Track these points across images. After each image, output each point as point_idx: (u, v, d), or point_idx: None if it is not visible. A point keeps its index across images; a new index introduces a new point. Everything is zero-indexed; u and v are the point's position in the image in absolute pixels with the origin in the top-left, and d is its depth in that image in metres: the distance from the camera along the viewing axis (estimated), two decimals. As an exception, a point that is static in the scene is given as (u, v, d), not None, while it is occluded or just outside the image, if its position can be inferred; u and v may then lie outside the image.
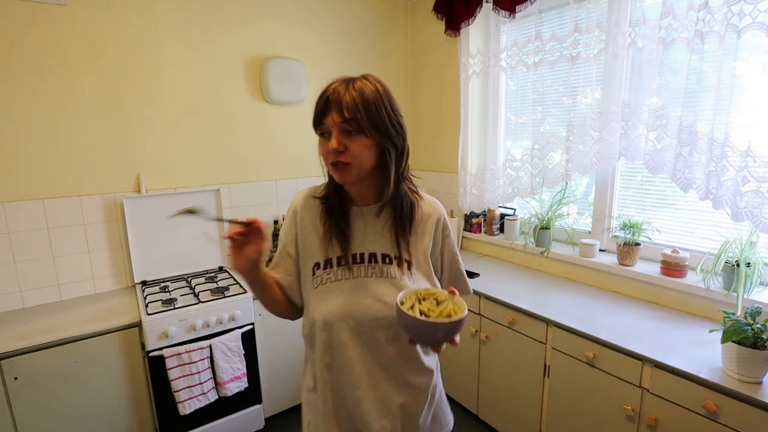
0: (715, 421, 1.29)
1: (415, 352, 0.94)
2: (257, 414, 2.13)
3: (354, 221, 0.95)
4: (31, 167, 1.91)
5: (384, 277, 0.91)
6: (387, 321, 0.89)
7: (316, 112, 0.87)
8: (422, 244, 0.97)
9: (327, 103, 0.84)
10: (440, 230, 1.00)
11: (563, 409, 1.75)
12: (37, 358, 1.62)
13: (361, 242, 0.93)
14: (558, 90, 2.16)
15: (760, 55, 1.44)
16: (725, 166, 1.50)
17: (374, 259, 0.92)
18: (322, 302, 0.90)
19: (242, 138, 2.45)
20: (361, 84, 0.84)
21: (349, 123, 0.82)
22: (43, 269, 1.98)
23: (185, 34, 2.20)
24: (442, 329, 0.77)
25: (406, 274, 0.92)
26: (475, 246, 2.74)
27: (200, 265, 2.34)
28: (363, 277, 0.91)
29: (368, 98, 0.83)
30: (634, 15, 1.74)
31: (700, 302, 1.70)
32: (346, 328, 0.89)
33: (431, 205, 1.01)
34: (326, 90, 0.86)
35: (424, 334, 0.79)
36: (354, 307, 0.89)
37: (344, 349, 0.89)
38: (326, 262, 0.92)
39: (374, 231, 0.94)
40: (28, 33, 1.84)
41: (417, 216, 0.97)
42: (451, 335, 0.80)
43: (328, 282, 0.91)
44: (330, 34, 2.67)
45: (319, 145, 0.90)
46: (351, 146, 0.84)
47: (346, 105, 0.82)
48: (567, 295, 1.98)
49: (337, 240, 0.92)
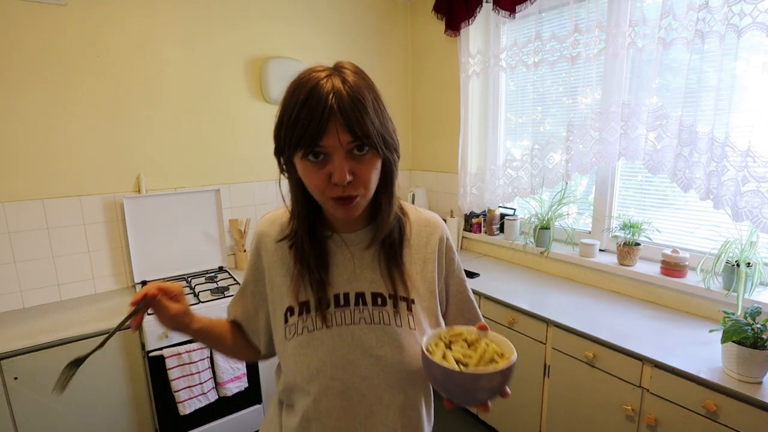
0: (715, 421, 1.28)
1: (417, 418, 0.75)
2: (257, 414, 2.13)
3: (335, 253, 0.74)
4: (31, 167, 1.91)
5: (375, 324, 0.71)
6: (383, 380, 0.71)
7: (304, 126, 0.60)
8: (425, 275, 0.77)
9: (329, 113, 0.59)
10: (443, 253, 0.81)
11: (563, 409, 1.75)
12: (37, 358, 1.62)
13: (346, 280, 0.73)
14: (558, 90, 2.16)
15: (760, 55, 1.44)
16: (725, 166, 1.50)
17: (362, 300, 0.72)
18: (299, 361, 0.71)
19: (242, 138, 2.45)
20: (353, 80, 0.63)
21: (362, 141, 0.61)
22: (43, 269, 1.98)
23: (185, 34, 2.20)
24: (492, 380, 0.58)
25: (404, 317, 0.73)
26: (475, 246, 2.74)
27: (200, 265, 2.34)
28: (348, 324, 0.71)
29: (371, 101, 0.63)
30: (634, 15, 1.74)
31: (700, 302, 1.70)
32: (331, 392, 0.70)
33: (429, 224, 0.80)
34: (315, 91, 0.60)
35: (469, 391, 0.59)
36: (340, 363, 0.70)
37: (326, 420, 0.71)
38: (301, 306, 0.72)
39: (362, 264, 0.74)
40: (28, 33, 1.84)
41: (413, 239, 0.78)
42: (503, 386, 0.61)
43: (305, 332, 0.71)
44: (330, 34, 2.67)
45: (301, 170, 0.66)
46: (360, 171, 0.64)
47: (354, 116, 0.60)
48: (567, 295, 1.98)
49: (313, 278, 0.72)
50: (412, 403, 0.74)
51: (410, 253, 0.77)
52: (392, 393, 0.72)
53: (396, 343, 0.71)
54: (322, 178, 0.64)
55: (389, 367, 0.71)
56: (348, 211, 0.67)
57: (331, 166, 0.62)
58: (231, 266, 2.48)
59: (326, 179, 0.63)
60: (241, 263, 2.45)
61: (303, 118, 0.60)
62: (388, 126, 0.66)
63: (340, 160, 0.62)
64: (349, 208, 0.66)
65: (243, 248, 2.44)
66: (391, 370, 0.71)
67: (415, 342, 0.72)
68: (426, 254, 0.78)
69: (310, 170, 0.64)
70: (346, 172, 0.62)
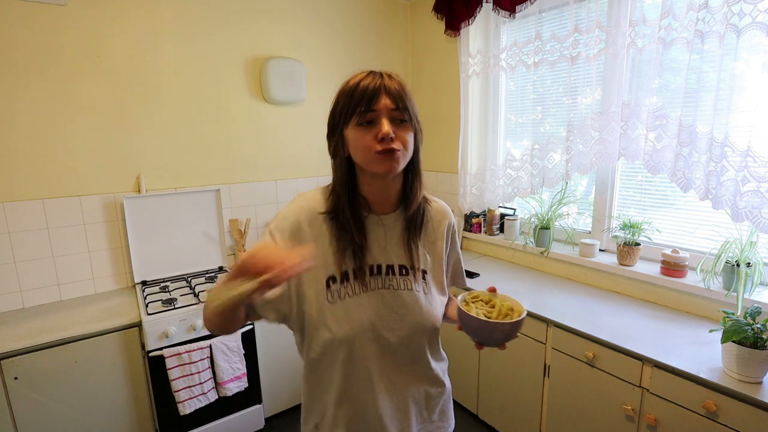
0: (715, 421, 1.29)
1: (426, 359, 0.95)
2: (257, 414, 2.13)
3: (372, 230, 0.89)
4: (31, 167, 1.91)
5: (402, 290, 0.89)
6: (404, 332, 0.88)
7: (359, 98, 0.80)
8: (437, 252, 0.96)
9: (377, 89, 0.80)
10: (450, 235, 0.99)
11: (563, 409, 1.75)
12: (37, 358, 1.62)
13: (379, 253, 0.89)
14: (558, 90, 2.16)
15: (760, 55, 1.43)
16: (725, 166, 1.50)
17: (392, 270, 0.89)
18: (343, 317, 0.85)
19: (242, 138, 2.45)
20: (396, 76, 0.84)
21: (401, 111, 0.81)
22: (43, 269, 1.98)
23: (185, 34, 2.20)
24: (505, 328, 0.82)
25: (422, 285, 0.91)
26: (475, 246, 2.74)
27: (200, 265, 2.34)
28: (380, 288, 0.88)
29: (408, 90, 0.84)
30: (634, 15, 1.74)
31: (700, 302, 1.70)
32: (367, 340, 0.86)
33: (441, 210, 0.99)
34: (364, 78, 0.81)
35: (492, 334, 0.84)
36: (375, 320, 0.86)
37: (364, 361, 0.87)
38: (343, 275, 0.86)
39: (392, 241, 0.90)
40: (28, 33, 1.84)
41: (429, 222, 0.96)
42: (514, 333, 0.83)
43: (346, 297, 0.86)
44: (330, 34, 2.67)
45: (353, 137, 0.82)
46: (400, 134, 0.81)
47: (397, 93, 0.81)
48: (567, 295, 1.98)
49: (354, 253, 0.86)
50: (420, 344, 0.93)
51: (427, 232, 0.95)
52: (408, 340, 0.90)
53: (414, 304, 0.89)
54: (370, 138, 0.80)
55: (408, 322, 0.89)
56: (391, 163, 0.81)
57: (378, 128, 0.80)
58: (231, 266, 2.48)
59: (374, 138, 0.80)
60: (241, 263, 2.44)
61: (359, 92, 0.80)
62: (417, 113, 0.86)
63: (386, 120, 0.80)
64: (392, 160, 0.80)
65: (243, 248, 2.44)
66: (409, 324, 0.89)
67: (427, 303, 0.91)
68: (437, 234, 0.97)
69: (362, 133, 0.81)
70: (390, 129, 0.79)
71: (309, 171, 2.71)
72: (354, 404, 0.89)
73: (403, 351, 0.90)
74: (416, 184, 0.89)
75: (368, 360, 0.87)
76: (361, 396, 0.89)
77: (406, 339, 0.89)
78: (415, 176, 0.89)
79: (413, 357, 0.93)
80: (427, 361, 0.95)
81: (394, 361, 0.90)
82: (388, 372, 0.90)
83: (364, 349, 0.86)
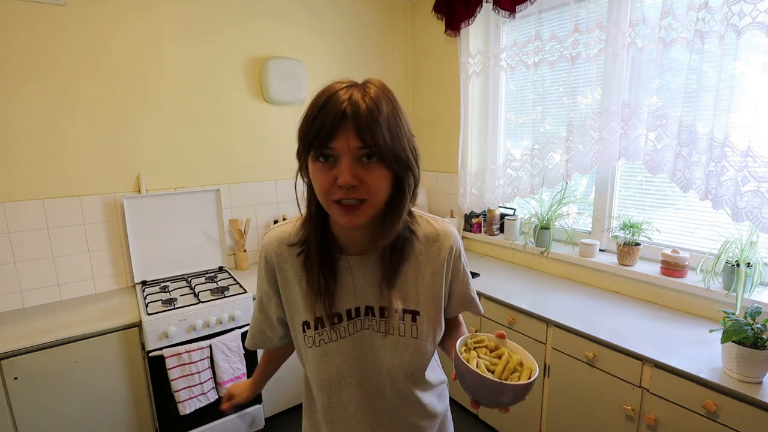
0: (715, 421, 1.29)
1: (414, 398, 0.87)
2: (257, 414, 2.13)
3: (344, 272, 0.79)
4: (31, 167, 1.91)
5: (383, 333, 0.80)
6: (383, 374, 0.82)
7: (317, 128, 0.64)
8: (433, 287, 0.82)
9: (342, 117, 0.63)
10: (451, 263, 0.85)
11: (563, 409, 1.75)
12: (37, 358, 1.62)
13: (353, 297, 0.80)
14: (558, 90, 2.16)
15: (760, 55, 1.43)
16: (725, 166, 1.50)
17: (371, 312, 0.80)
18: (319, 364, 0.80)
19: (242, 138, 2.45)
20: (375, 93, 0.65)
21: (371, 149, 0.64)
22: (43, 269, 1.98)
23: (185, 34, 2.20)
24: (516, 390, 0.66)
25: (408, 329, 0.80)
26: (475, 246, 2.74)
27: (200, 265, 2.34)
28: (360, 331, 0.80)
29: (387, 115, 0.65)
30: (634, 15, 1.74)
31: (700, 302, 1.70)
32: (348, 386, 0.82)
33: (440, 238, 0.83)
34: (334, 97, 0.64)
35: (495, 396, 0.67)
36: (355, 366, 0.81)
37: (348, 407, 0.83)
38: (316, 321, 0.79)
39: (367, 282, 0.79)
40: (28, 33, 1.84)
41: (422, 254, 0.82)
42: (524, 396, 0.68)
43: (322, 343, 0.79)
44: (330, 34, 2.67)
45: (311, 171, 0.68)
46: (368, 178, 0.65)
47: (366, 125, 0.63)
48: (567, 295, 1.98)
49: (325, 298, 0.77)
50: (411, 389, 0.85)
51: (419, 268, 0.82)
52: (394, 384, 0.83)
53: (394, 348, 0.80)
54: (328, 180, 0.66)
55: (387, 368, 0.81)
56: (351, 218, 0.68)
57: (337, 169, 0.65)
58: (231, 266, 2.48)
59: (332, 181, 0.66)
60: (241, 263, 2.44)
61: (318, 121, 0.64)
62: (402, 143, 0.68)
63: (347, 163, 0.64)
64: (353, 215, 0.67)
65: (243, 248, 2.44)
66: (388, 370, 0.81)
67: (415, 349, 0.81)
68: (435, 267, 0.82)
69: (319, 171, 0.67)
70: (350, 175, 0.64)
71: (309, 171, 2.71)
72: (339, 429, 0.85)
73: (388, 394, 0.84)
74: (389, 221, 0.73)
75: (352, 405, 0.83)
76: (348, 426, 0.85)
77: (389, 383, 0.82)
78: (389, 214, 0.73)
79: (401, 398, 0.85)
80: (417, 399, 0.87)
81: (381, 403, 0.84)
82: (375, 414, 0.84)
83: (346, 393, 0.82)
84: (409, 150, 0.69)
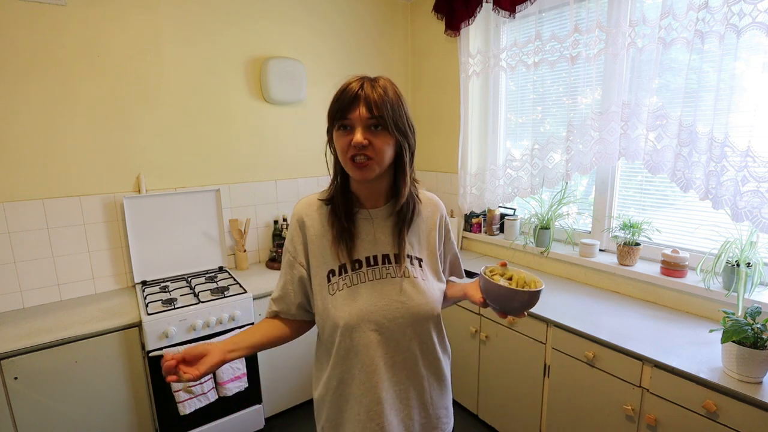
0: (715, 421, 1.29)
1: (433, 347, 0.98)
2: (257, 414, 2.13)
3: (362, 224, 0.96)
4: (31, 167, 1.91)
5: (399, 277, 0.94)
6: (406, 319, 0.92)
7: (339, 105, 0.87)
8: (430, 242, 1.01)
9: (355, 98, 0.85)
10: (443, 226, 1.05)
11: (563, 409, 1.75)
12: (37, 358, 1.62)
13: (372, 245, 0.95)
14: (558, 90, 2.16)
15: (760, 55, 1.43)
16: (725, 166, 1.50)
17: (387, 260, 0.95)
18: (342, 308, 0.91)
19: (242, 138, 2.45)
20: (383, 83, 0.88)
21: (377, 119, 0.85)
22: (43, 269, 1.98)
23: (185, 34, 2.20)
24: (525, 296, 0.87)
25: (419, 272, 0.96)
26: (475, 246, 2.74)
27: (200, 265, 2.34)
28: (379, 278, 0.93)
29: (391, 97, 0.87)
30: (634, 15, 1.74)
31: (700, 302, 1.70)
32: (368, 330, 0.91)
33: (432, 203, 1.05)
34: (350, 85, 0.87)
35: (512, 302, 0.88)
36: (374, 308, 0.91)
37: (367, 350, 0.91)
38: (341, 267, 0.93)
39: (383, 233, 0.96)
40: (28, 33, 1.84)
41: (421, 214, 1.00)
42: (533, 303, 0.88)
43: (345, 288, 0.92)
44: (330, 35, 2.67)
45: (335, 139, 0.90)
46: (375, 141, 0.86)
47: (374, 102, 0.84)
48: (567, 295, 1.98)
49: (348, 244, 0.93)
50: (426, 332, 0.97)
51: (419, 223, 1.00)
52: (411, 327, 0.94)
53: (414, 290, 0.94)
54: (345, 142, 0.87)
55: (409, 309, 0.93)
56: (362, 172, 0.87)
57: (352, 134, 0.86)
58: (231, 266, 2.48)
59: (348, 143, 0.86)
60: (241, 263, 2.44)
61: (339, 101, 0.87)
62: (402, 118, 0.89)
63: (359, 129, 0.85)
64: (362, 169, 0.87)
65: (243, 248, 2.44)
66: (410, 311, 0.93)
67: (426, 288, 0.95)
68: (430, 225, 1.03)
69: (340, 136, 0.88)
70: (362, 137, 0.84)
71: (309, 171, 2.71)
72: (353, 390, 0.93)
73: (407, 340, 0.94)
74: (401, 182, 0.94)
75: (371, 350, 0.91)
76: (363, 384, 0.92)
77: (409, 327, 0.93)
78: (400, 175, 0.94)
79: (420, 346, 0.95)
80: (435, 350, 0.98)
81: (399, 350, 0.93)
82: (392, 362, 0.93)
83: (365, 338, 0.91)
84: (407, 125, 0.90)
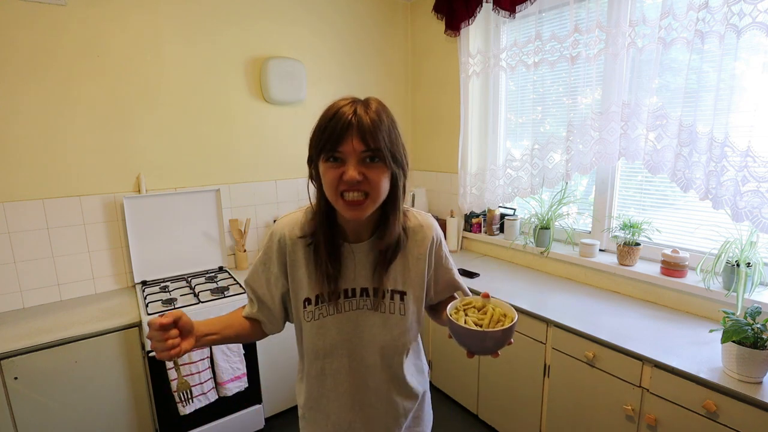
0: (715, 421, 1.29)
1: (403, 377, 0.97)
2: (257, 414, 2.13)
3: (346, 257, 0.91)
4: (31, 167, 1.91)
5: (376, 311, 0.92)
6: (378, 352, 0.92)
7: (328, 135, 0.77)
8: (417, 272, 0.95)
9: (348, 126, 0.76)
10: (433, 254, 0.98)
11: (563, 409, 1.75)
12: (37, 358, 1.62)
13: (352, 279, 0.91)
14: (558, 90, 2.16)
15: (760, 55, 1.43)
16: (725, 166, 1.50)
17: (366, 293, 0.91)
18: (316, 336, 0.91)
19: (242, 138, 2.45)
20: (376, 107, 0.79)
21: (373, 152, 0.77)
22: (43, 269, 1.98)
23: (185, 34, 2.20)
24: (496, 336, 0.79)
25: (398, 306, 0.92)
26: (475, 246, 2.74)
27: (200, 265, 2.34)
28: (355, 310, 0.91)
29: (387, 124, 0.79)
30: (634, 15, 1.74)
31: (700, 302, 1.70)
32: (341, 356, 0.92)
33: (424, 228, 0.96)
34: (341, 110, 0.77)
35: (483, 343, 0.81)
36: (348, 340, 0.91)
37: (337, 375, 0.93)
38: (317, 297, 0.90)
39: (364, 267, 0.91)
40: (28, 33, 1.84)
41: (409, 242, 0.94)
42: (507, 340, 0.82)
43: (320, 317, 0.91)
44: (330, 34, 2.67)
45: (321, 171, 0.81)
46: (370, 175, 0.78)
47: (369, 131, 0.76)
48: (567, 295, 1.98)
49: (327, 278, 0.88)
50: (397, 364, 0.96)
51: (405, 255, 0.94)
52: (382, 360, 0.94)
53: (387, 325, 0.92)
54: (335, 176, 0.78)
55: (379, 343, 0.92)
56: (356, 211, 0.80)
57: (343, 168, 0.77)
58: (231, 266, 2.48)
59: (339, 177, 0.78)
60: (241, 263, 2.44)
61: (328, 129, 0.77)
62: (398, 147, 0.82)
63: (353, 162, 0.77)
64: (358, 209, 0.79)
65: (243, 248, 2.44)
66: (380, 345, 0.92)
67: (402, 325, 0.93)
68: (419, 253, 0.95)
69: (329, 169, 0.79)
70: (356, 172, 0.76)
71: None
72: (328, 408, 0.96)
73: (376, 370, 0.94)
74: (392, 219, 0.87)
75: (341, 376, 0.93)
76: (334, 404, 0.95)
77: (380, 359, 0.93)
78: (391, 212, 0.87)
79: (387, 374, 0.96)
80: (403, 378, 0.97)
81: (368, 378, 0.94)
82: (362, 389, 0.94)
83: (336, 363, 0.92)
84: (402, 154, 0.83)
